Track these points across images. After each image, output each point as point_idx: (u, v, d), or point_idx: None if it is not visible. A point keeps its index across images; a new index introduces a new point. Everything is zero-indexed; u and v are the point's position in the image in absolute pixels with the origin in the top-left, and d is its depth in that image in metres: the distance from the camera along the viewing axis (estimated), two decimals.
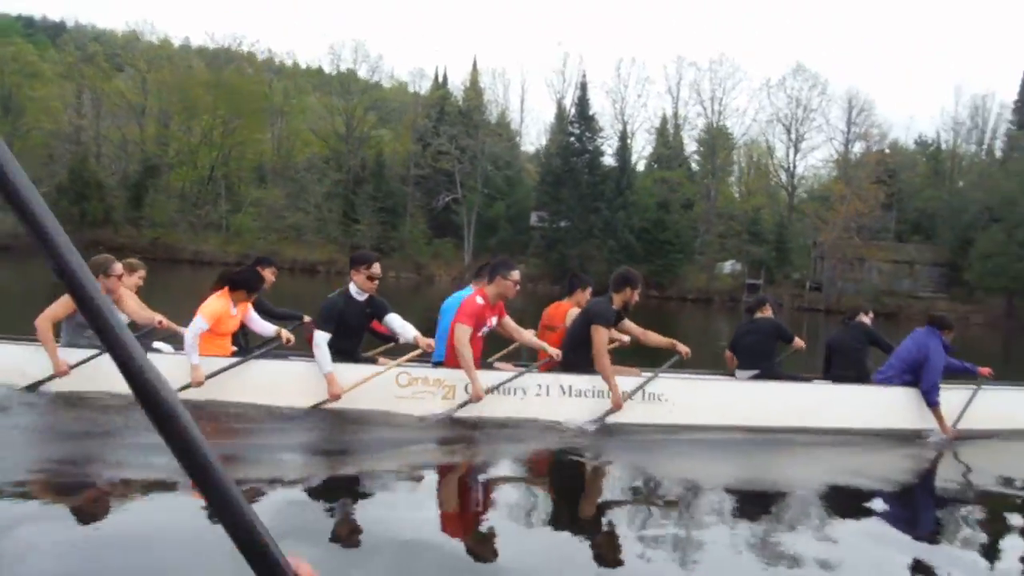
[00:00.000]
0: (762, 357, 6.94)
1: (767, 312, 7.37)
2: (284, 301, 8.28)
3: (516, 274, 5.96)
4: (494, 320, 5.99)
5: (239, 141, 55.97)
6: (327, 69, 60.13)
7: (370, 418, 5.57)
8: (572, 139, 51.69)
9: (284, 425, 5.40)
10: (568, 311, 6.57)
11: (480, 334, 5.89)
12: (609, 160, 53.23)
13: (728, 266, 52.76)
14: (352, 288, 5.83)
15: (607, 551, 3.72)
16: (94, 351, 5.39)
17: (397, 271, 52.72)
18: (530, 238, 51.80)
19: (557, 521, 4.20)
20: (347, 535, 3.65)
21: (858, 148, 55.98)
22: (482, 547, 3.64)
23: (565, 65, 58.60)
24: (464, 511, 4.45)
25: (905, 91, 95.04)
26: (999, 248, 46.63)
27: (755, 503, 4.78)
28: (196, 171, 56.11)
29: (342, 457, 5.10)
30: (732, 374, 7.10)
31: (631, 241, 48.66)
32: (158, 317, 5.85)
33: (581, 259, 51.14)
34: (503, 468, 5.27)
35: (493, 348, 6.87)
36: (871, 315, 7.60)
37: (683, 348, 6.10)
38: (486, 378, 5.76)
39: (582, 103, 52.45)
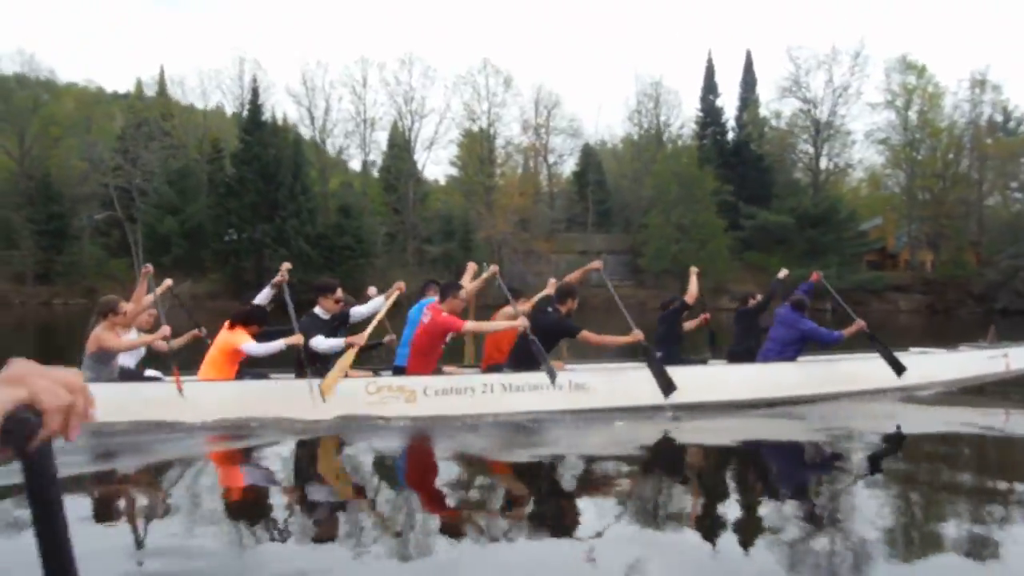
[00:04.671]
0: (668, 343, 8.38)
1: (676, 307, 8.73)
2: None
3: (463, 293, 7.18)
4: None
5: None
6: None
7: (347, 421, 6.74)
8: (243, 147, 49.46)
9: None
10: (504, 310, 7.91)
11: (446, 341, 7.25)
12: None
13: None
14: (319, 311, 7.04)
15: (556, 518, 4.37)
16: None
17: (64, 298, 49.40)
18: (213, 253, 49.37)
19: (508, 494, 5.04)
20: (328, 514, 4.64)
21: (556, 141, 56.38)
22: (450, 523, 4.30)
23: (242, 71, 56.42)
24: (432, 491, 5.13)
25: (592, 83, 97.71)
26: (659, 231, 47.51)
27: (679, 467, 5.90)
28: None
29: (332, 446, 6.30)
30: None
31: (305, 249, 46.88)
32: (159, 335, 6.80)
33: (257, 271, 49.15)
34: (463, 455, 6.07)
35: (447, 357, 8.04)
36: (757, 298, 9.04)
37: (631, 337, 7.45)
38: (439, 383, 7.00)
39: (254, 109, 50.31)
